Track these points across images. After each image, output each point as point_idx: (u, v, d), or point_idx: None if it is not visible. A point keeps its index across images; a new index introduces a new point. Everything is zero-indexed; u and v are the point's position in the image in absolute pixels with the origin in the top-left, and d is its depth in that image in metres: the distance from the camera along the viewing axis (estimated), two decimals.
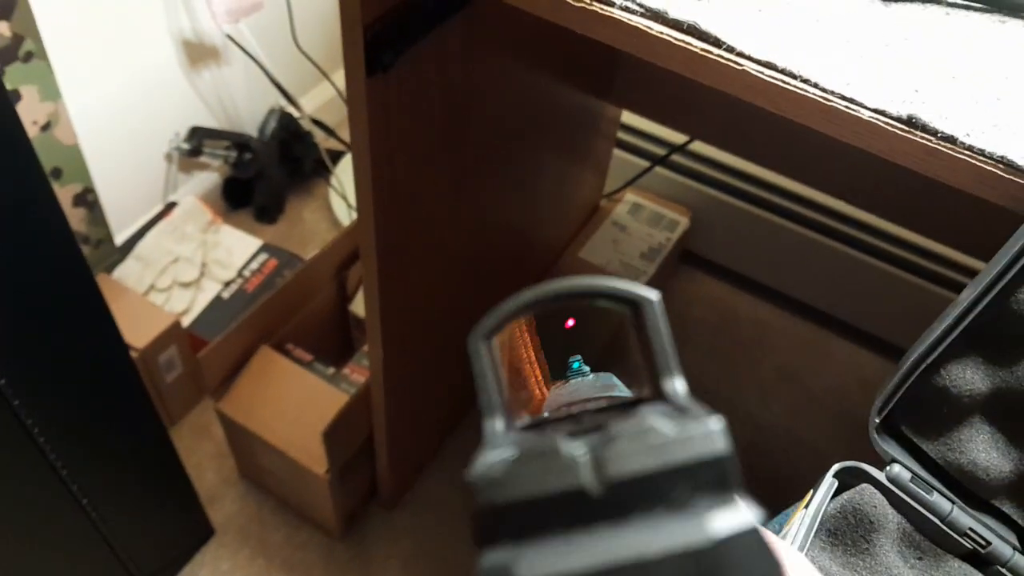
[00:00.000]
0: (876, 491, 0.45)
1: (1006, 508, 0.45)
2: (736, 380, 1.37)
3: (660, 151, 1.39)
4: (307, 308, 1.16)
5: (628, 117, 1.38)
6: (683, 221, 1.41)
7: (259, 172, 1.45)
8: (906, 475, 0.45)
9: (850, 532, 0.44)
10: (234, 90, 1.42)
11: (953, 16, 0.51)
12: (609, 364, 0.25)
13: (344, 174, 1.53)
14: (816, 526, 0.44)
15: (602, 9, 0.49)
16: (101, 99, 1.19)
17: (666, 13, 0.48)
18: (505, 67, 0.87)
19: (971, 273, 1.23)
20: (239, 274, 1.31)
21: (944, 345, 0.43)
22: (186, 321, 1.23)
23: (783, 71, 0.47)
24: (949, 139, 0.44)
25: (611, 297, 0.18)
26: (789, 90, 0.46)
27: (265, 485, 1.19)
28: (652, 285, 1.33)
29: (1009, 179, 0.43)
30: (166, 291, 1.26)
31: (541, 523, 0.14)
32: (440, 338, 1.06)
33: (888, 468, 0.46)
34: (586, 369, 0.25)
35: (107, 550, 0.94)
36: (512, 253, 1.20)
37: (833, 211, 1.33)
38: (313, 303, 1.17)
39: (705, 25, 0.48)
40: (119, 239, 1.30)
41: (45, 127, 1.10)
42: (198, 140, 1.36)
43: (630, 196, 1.43)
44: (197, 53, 1.31)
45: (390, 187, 0.74)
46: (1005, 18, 0.52)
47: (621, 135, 1.42)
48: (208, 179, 1.46)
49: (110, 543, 0.93)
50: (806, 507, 0.44)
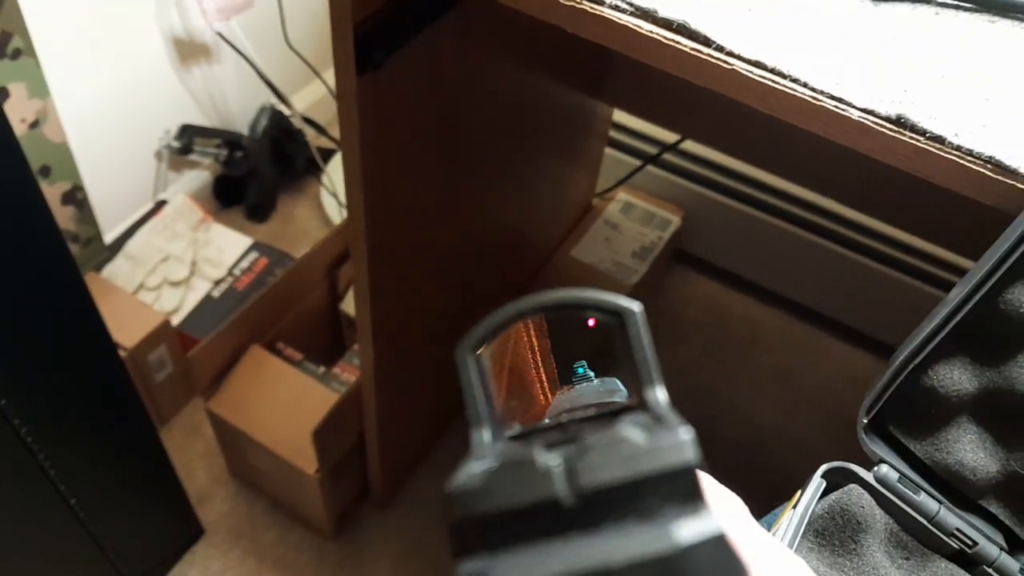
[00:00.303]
0: (864, 491, 0.45)
1: (993, 508, 0.45)
2: (729, 379, 1.37)
3: (652, 150, 1.39)
4: (298, 307, 1.15)
5: (620, 116, 1.38)
6: (675, 220, 1.41)
7: (250, 170, 1.44)
8: (894, 475, 0.45)
9: (838, 533, 0.44)
10: (225, 88, 1.41)
11: (942, 16, 0.51)
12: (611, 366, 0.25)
13: (335, 172, 1.52)
14: (804, 527, 0.44)
15: (592, 8, 0.49)
16: (90, 96, 1.19)
17: (656, 12, 0.48)
18: (496, 66, 0.87)
19: (961, 272, 1.23)
20: (230, 273, 1.30)
21: (932, 345, 0.43)
22: (176, 320, 1.22)
23: (772, 70, 0.46)
24: (937, 139, 0.44)
25: (596, 309, 0.19)
26: (778, 89, 0.46)
27: (256, 485, 1.18)
28: (644, 284, 1.33)
29: (997, 179, 0.43)
30: (156, 290, 1.25)
31: (516, 533, 0.15)
32: (431, 337, 1.05)
33: (876, 468, 0.46)
34: (591, 374, 0.25)
35: (96, 550, 0.93)
36: (504, 252, 1.20)
37: (825, 210, 1.33)
38: (304, 302, 1.16)
39: (695, 24, 0.47)
40: (108, 238, 1.30)
41: (33, 124, 1.09)
42: (188, 138, 1.35)
43: (622, 195, 1.43)
44: (188, 51, 1.31)
45: (381, 186, 0.74)
46: (994, 18, 0.52)
47: (613, 134, 1.42)
48: (199, 177, 1.46)
49: (99, 543, 0.93)
50: (794, 508, 0.44)
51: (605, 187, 1.44)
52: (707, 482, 0.18)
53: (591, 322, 0.25)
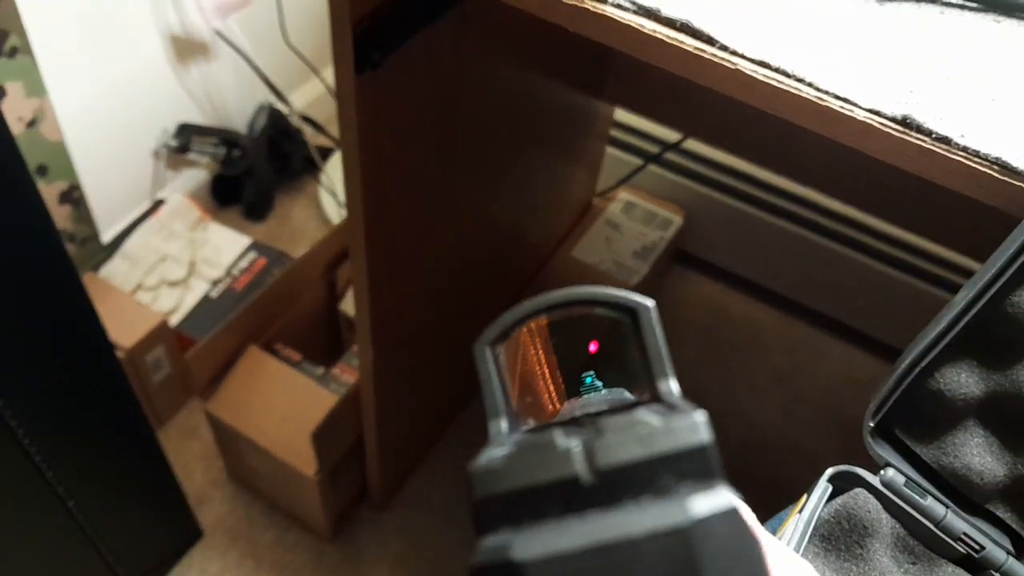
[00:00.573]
0: (870, 496, 0.45)
1: (1000, 512, 0.45)
2: (729, 379, 1.37)
3: (653, 149, 1.38)
4: (296, 307, 1.15)
5: (621, 115, 1.38)
6: (676, 220, 1.40)
7: (248, 169, 1.43)
8: (900, 479, 0.45)
9: (844, 537, 0.44)
10: (223, 86, 1.40)
11: (948, 16, 0.51)
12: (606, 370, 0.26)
13: (334, 171, 1.52)
14: (810, 531, 0.43)
15: (594, 7, 0.49)
16: (87, 95, 1.18)
17: (659, 11, 0.48)
18: (496, 65, 0.86)
19: (965, 273, 1.23)
20: (228, 273, 1.29)
21: (939, 348, 0.43)
22: (174, 320, 1.22)
23: (777, 70, 0.46)
24: (944, 140, 0.43)
25: (611, 305, 0.20)
26: (783, 89, 0.46)
27: (254, 486, 1.18)
28: (645, 284, 1.33)
29: (1004, 180, 0.43)
30: (153, 290, 1.25)
31: (537, 510, 0.15)
32: (431, 337, 1.05)
33: (882, 472, 0.45)
34: (599, 384, 0.26)
35: (93, 552, 0.93)
36: (504, 252, 1.19)
37: (828, 210, 1.33)
38: (302, 302, 1.16)
39: (698, 23, 0.47)
40: (106, 237, 1.29)
41: (30, 123, 1.09)
42: (186, 137, 1.35)
43: (623, 194, 1.43)
44: (185, 49, 1.30)
45: (380, 185, 0.73)
46: (1000, 18, 0.51)
47: (614, 133, 1.41)
48: (196, 176, 1.45)
49: (96, 545, 0.92)
50: (800, 512, 0.43)
51: (606, 186, 1.44)
52: None
53: (592, 347, 0.26)
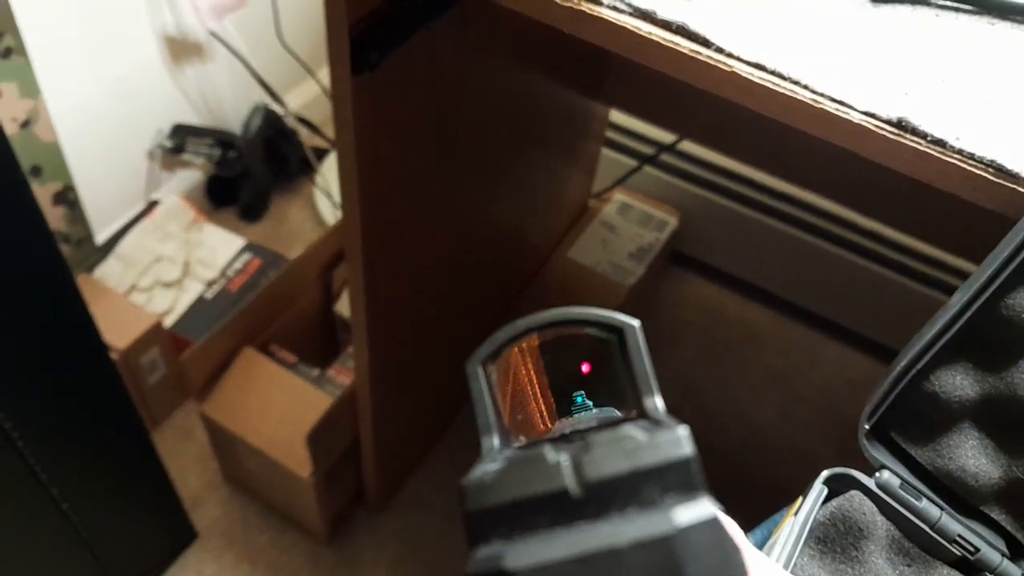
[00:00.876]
0: (865, 498, 0.45)
1: (995, 514, 0.45)
2: (725, 381, 1.37)
3: (649, 150, 1.38)
4: (292, 309, 1.14)
5: (617, 116, 1.38)
6: (672, 221, 1.40)
7: (243, 170, 1.43)
8: (895, 482, 0.45)
9: (839, 540, 0.44)
10: (218, 87, 1.40)
11: (943, 18, 0.51)
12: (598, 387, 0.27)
13: (329, 172, 1.51)
14: (805, 534, 0.43)
15: (590, 9, 0.49)
16: (82, 96, 1.18)
17: (655, 13, 0.48)
18: (493, 66, 0.86)
19: (959, 274, 1.23)
20: (223, 274, 1.29)
21: (934, 351, 0.43)
22: (168, 322, 1.21)
23: (773, 72, 0.46)
24: (939, 142, 0.43)
25: (598, 325, 0.21)
26: (778, 92, 0.46)
27: (250, 488, 1.17)
28: (641, 285, 1.33)
29: (999, 183, 0.43)
30: (148, 291, 1.24)
31: (528, 522, 0.16)
32: (427, 339, 1.05)
33: (877, 475, 0.45)
34: (589, 403, 0.26)
35: (88, 554, 0.93)
36: (500, 253, 1.19)
37: (823, 212, 1.33)
38: (298, 304, 1.15)
39: (694, 25, 0.47)
40: (100, 238, 1.28)
41: (24, 124, 1.08)
42: (181, 138, 1.34)
43: (619, 196, 1.43)
44: (180, 50, 1.30)
45: (376, 187, 0.73)
46: (995, 20, 0.51)
47: (610, 134, 1.41)
48: (191, 177, 1.45)
49: (91, 547, 0.92)
50: (795, 514, 0.43)
51: (602, 188, 1.44)
52: None
53: (585, 368, 0.27)
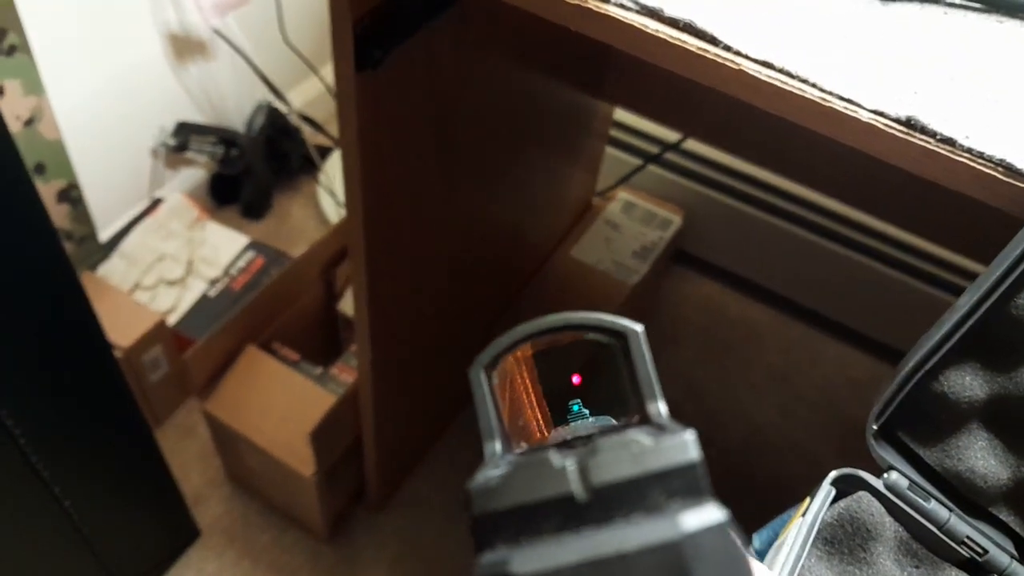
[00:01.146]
0: (873, 499, 0.45)
1: (1004, 516, 0.44)
2: (727, 379, 1.37)
3: (653, 149, 1.38)
4: (294, 307, 1.14)
5: (621, 114, 1.38)
6: (676, 220, 1.40)
7: (246, 168, 1.43)
8: (904, 483, 0.44)
9: (847, 541, 0.43)
10: (221, 85, 1.40)
11: (951, 16, 0.50)
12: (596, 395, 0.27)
13: (332, 170, 1.51)
14: (813, 535, 0.43)
15: (597, 6, 0.48)
16: (86, 94, 1.17)
17: (662, 10, 0.47)
18: (496, 64, 0.86)
19: (964, 273, 1.23)
20: (226, 272, 1.29)
21: (943, 351, 0.43)
22: (172, 320, 1.21)
23: (781, 70, 0.46)
24: (948, 141, 0.43)
25: (601, 330, 0.20)
26: (787, 90, 0.46)
27: (252, 487, 1.17)
28: (644, 284, 1.32)
29: (1008, 182, 0.43)
30: (151, 289, 1.24)
31: (534, 527, 0.16)
32: (430, 337, 1.05)
33: (886, 476, 0.45)
34: (586, 412, 0.26)
35: (89, 553, 0.92)
36: (503, 251, 1.19)
37: (827, 210, 1.32)
38: (300, 302, 1.15)
39: (701, 23, 0.47)
40: (103, 236, 1.28)
41: (28, 122, 1.08)
42: (184, 136, 1.34)
43: (623, 194, 1.43)
44: (184, 47, 1.30)
45: (379, 184, 0.73)
46: (1003, 18, 0.51)
47: (614, 132, 1.41)
48: (194, 175, 1.45)
49: (92, 546, 0.92)
50: (803, 515, 0.43)
51: (605, 186, 1.44)
52: None
53: (576, 379, 0.27)
